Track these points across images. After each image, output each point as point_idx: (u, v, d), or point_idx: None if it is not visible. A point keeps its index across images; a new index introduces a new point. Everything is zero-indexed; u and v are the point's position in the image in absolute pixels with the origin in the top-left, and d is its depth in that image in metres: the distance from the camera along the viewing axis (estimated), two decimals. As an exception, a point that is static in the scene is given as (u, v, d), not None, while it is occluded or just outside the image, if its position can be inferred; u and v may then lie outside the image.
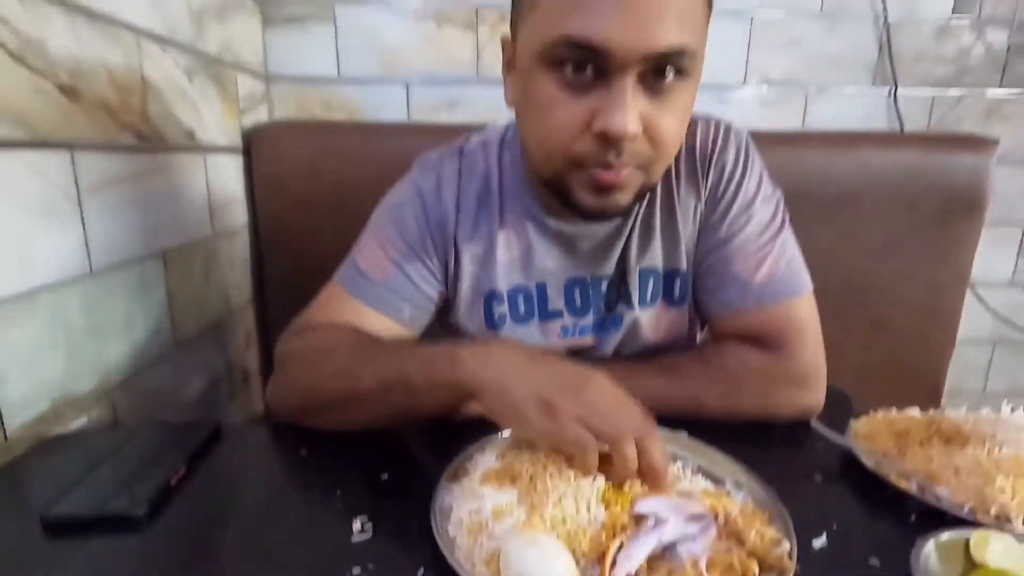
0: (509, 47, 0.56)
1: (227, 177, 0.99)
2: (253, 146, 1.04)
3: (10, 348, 0.53)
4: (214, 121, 0.93)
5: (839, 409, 0.60)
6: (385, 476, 0.49)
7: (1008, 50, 1.26)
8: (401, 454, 0.54)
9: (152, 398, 0.76)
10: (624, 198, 0.53)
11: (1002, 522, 0.41)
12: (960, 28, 1.25)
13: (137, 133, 0.72)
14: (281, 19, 1.16)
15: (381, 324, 0.62)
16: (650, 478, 0.43)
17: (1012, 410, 0.52)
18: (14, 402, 0.54)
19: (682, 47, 0.47)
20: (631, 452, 0.42)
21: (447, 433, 0.51)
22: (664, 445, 0.44)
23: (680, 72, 0.49)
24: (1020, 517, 0.41)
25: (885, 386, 1.17)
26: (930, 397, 1.20)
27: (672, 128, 0.51)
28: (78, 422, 0.62)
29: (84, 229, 0.62)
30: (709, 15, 0.51)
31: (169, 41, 0.79)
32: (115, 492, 0.45)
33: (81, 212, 0.62)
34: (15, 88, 0.53)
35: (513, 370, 0.46)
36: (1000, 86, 1.28)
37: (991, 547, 0.37)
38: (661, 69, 0.48)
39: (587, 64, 0.47)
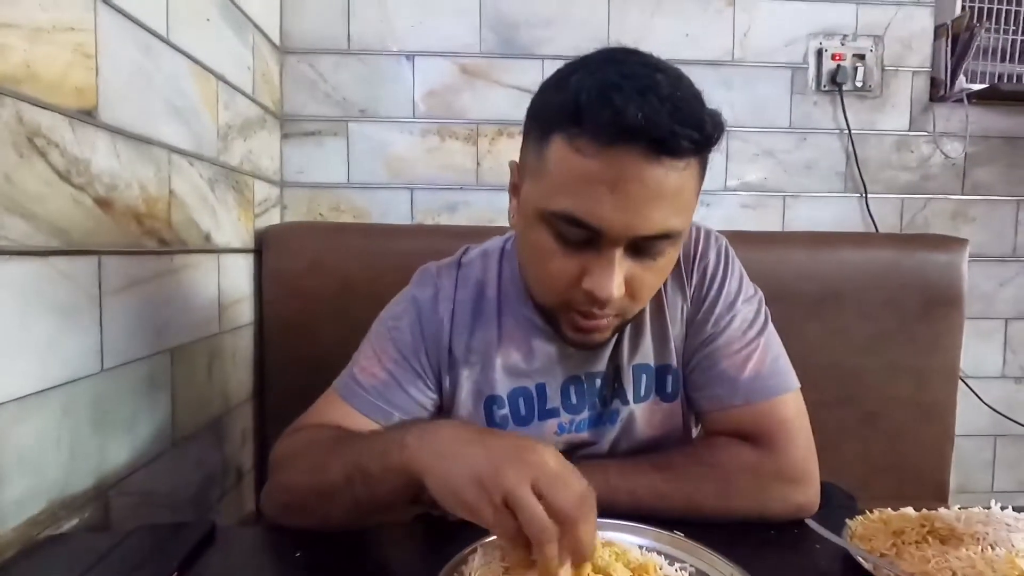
0: (516, 174, 0.61)
1: (238, 275, 1.04)
2: (264, 245, 1.10)
3: (16, 447, 0.54)
4: (230, 224, 1.00)
5: (844, 512, 0.60)
6: (379, 579, 0.49)
7: (965, 159, 1.37)
8: (396, 557, 0.54)
9: (147, 498, 0.75)
10: (601, 337, 0.60)
11: (1002, 627, 0.41)
12: (919, 140, 1.37)
13: (159, 238, 0.78)
14: (298, 133, 1.27)
15: (370, 429, 0.63)
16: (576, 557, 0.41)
17: (1001, 508, 0.53)
18: (10, 503, 0.54)
19: (668, 231, 0.52)
20: (591, 525, 0.41)
21: (443, 534, 0.51)
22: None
23: (667, 244, 0.54)
24: (1018, 621, 0.41)
25: (889, 484, 1.16)
26: (936, 495, 1.17)
27: (651, 284, 0.57)
28: (71, 523, 0.61)
29: (101, 329, 0.65)
30: (701, 185, 0.55)
31: (196, 156, 0.87)
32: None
33: (101, 313, 0.65)
34: (57, 203, 0.59)
35: (452, 450, 0.44)
36: (962, 193, 1.38)
37: (990, 653, 0.36)
38: (649, 244, 0.53)
39: (582, 233, 0.52)
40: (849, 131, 1.34)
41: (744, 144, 1.34)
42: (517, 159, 0.61)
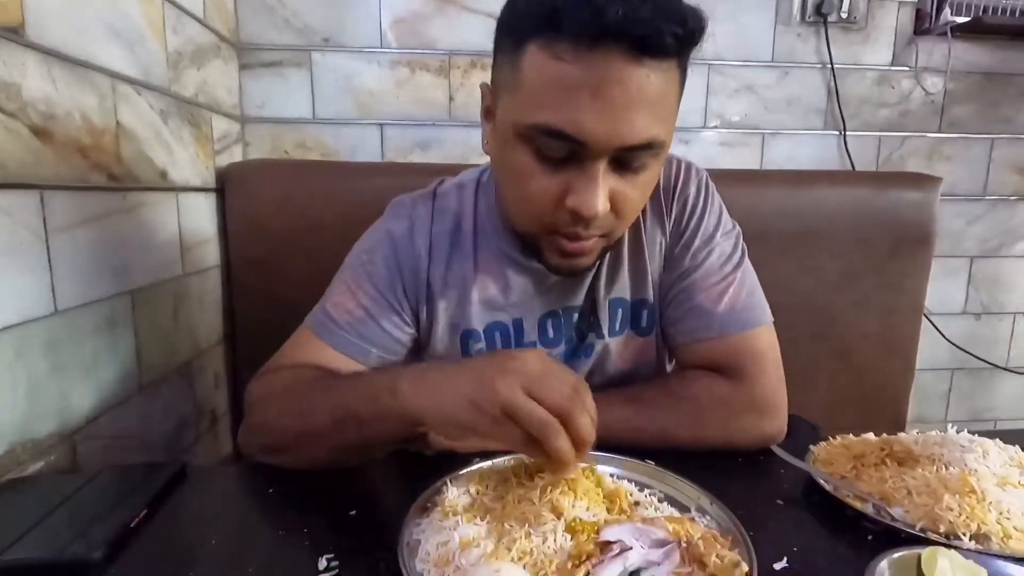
0: (489, 96, 0.57)
1: (200, 216, 0.99)
2: (227, 185, 1.05)
3: (-33, 390, 0.52)
4: (187, 161, 0.95)
5: (809, 441, 0.62)
6: (353, 513, 0.49)
7: (944, 96, 1.35)
8: (370, 490, 0.54)
9: (116, 441, 0.74)
10: (587, 260, 0.58)
11: (952, 539, 0.43)
12: (900, 76, 1.35)
13: (109, 173, 0.73)
14: (257, 64, 1.19)
15: (348, 367, 0.62)
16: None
17: (956, 430, 0.55)
18: (-32, 446, 0.53)
19: (652, 140, 0.50)
20: (586, 412, 0.43)
21: (416, 468, 0.51)
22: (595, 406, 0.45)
23: (650, 156, 0.52)
24: (967, 534, 0.43)
25: (852, 416, 1.20)
26: (894, 426, 1.23)
27: (637, 201, 0.55)
28: (36, 466, 0.60)
29: (51, 268, 0.62)
30: (682, 91, 0.53)
31: (145, 85, 0.81)
32: (71, 536, 0.44)
33: (48, 252, 0.62)
34: (-14, 130, 0.54)
35: (445, 387, 0.46)
36: (939, 130, 1.37)
37: (939, 563, 0.38)
38: (633, 156, 0.51)
39: (563, 148, 0.50)
40: (832, 66, 1.30)
41: (725, 79, 1.30)
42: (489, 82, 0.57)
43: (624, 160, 0.51)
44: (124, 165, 0.76)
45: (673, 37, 0.46)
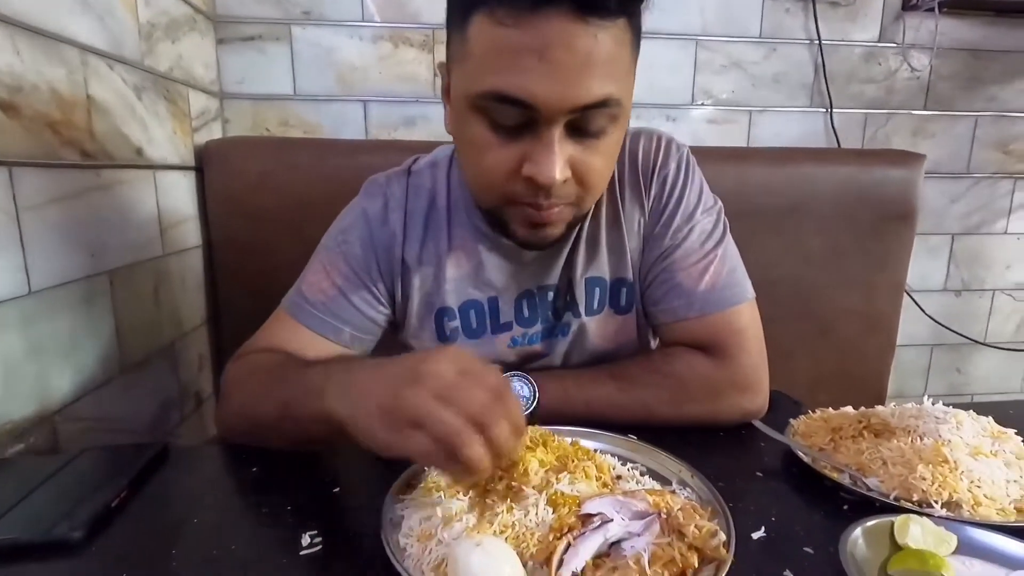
0: (445, 75, 0.57)
1: (179, 195, 0.97)
2: (206, 163, 1.03)
3: (-61, 372, 0.51)
4: (164, 138, 0.92)
5: (792, 415, 0.62)
6: (337, 490, 0.49)
7: (930, 73, 1.35)
8: (354, 468, 0.54)
9: (98, 423, 0.73)
10: (556, 231, 0.56)
11: (924, 507, 0.44)
12: (887, 52, 1.34)
13: (81, 150, 0.71)
14: (235, 38, 1.15)
15: (322, 346, 0.62)
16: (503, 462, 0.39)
17: (932, 402, 0.56)
18: (-57, 428, 0.52)
19: (607, 98, 0.49)
20: (504, 424, 0.37)
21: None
22: (520, 406, 0.40)
23: (607, 118, 0.51)
24: (939, 502, 0.44)
25: (834, 392, 1.22)
26: (875, 401, 1.23)
27: (599, 169, 0.54)
28: (15, 449, 0.59)
29: (23, 248, 0.60)
30: (637, 54, 0.52)
31: (116, 58, 0.78)
32: (52, 516, 0.44)
33: (20, 230, 0.60)
34: (-52, 104, 0.52)
35: (359, 393, 0.42)
36: (924, 108, 1.38)
37: (911, 531, 0.39)
38: (588, 118, 0.50)
39: (516, 115, 0.49)
40: (819, 41, 1.29)
41: (712, 55, 1.29)
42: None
43: (580, 125, 0.50)
44: (97, 141, 0.74)
45: None
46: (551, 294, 0.66)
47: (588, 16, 0.45)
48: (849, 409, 0.59)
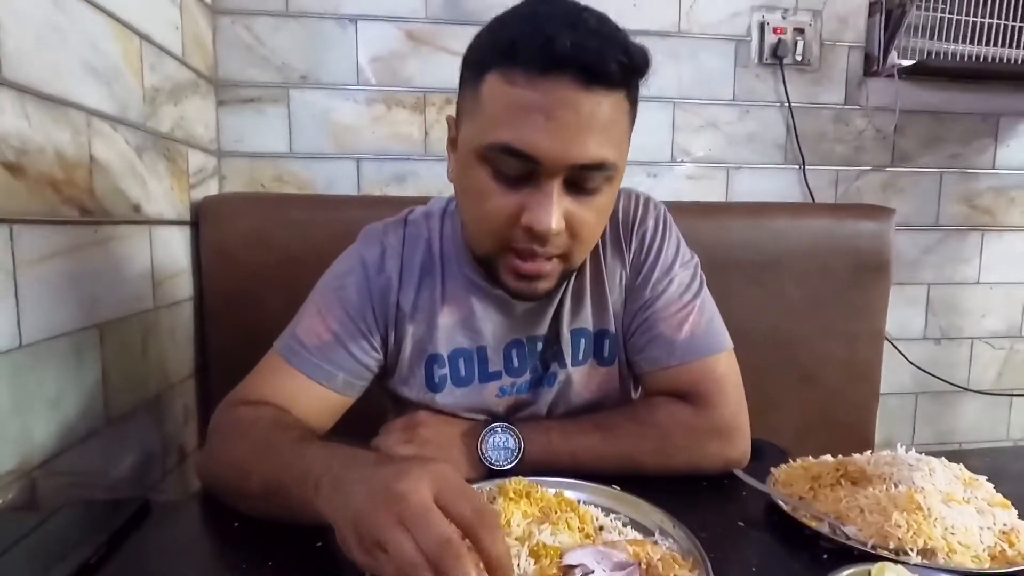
0: (453, 127, 0.61)
1: (174, 249, 1.00)
2: (202, 218, 1.06)
3: (-76, 426, 0.51)
4: (162, 194, 0.95)
5: (777, 464, 0.63)
6: (319, 544, 0.49)
7: (895, 132, 1.43)
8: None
9: (79, 478, 0.72)
10: (545, 285, 0.59)
11: (901, 555, 0.45)
12: (853, 114, 1.42)
13: (81, 207, 0.73)
14: (235, 100, 1.21)
15: (314, 392, 0.63)
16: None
17: (906, 450, 0.57)
18: (-78, 484, 0.51)
19: (603, 161, 0.54)
20: (462, 566, 0.34)
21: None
22: (505, 540, 0.38)
23: (602, 179, 0.55)
24: (914, 549, 0.45)
25: (821, 441, 1.21)
26: (862, 449, 1.25)
27: (591, 224, 0.57)
28: (-8, 505, 0.58)
29: (17, 302, 0.62)
30: (633, 122, 0.58)
31: (120, 120, 0.82)
32: (25, 575, 0.43)
33: (15, 285, 0.61)
34: (-42, 165, 0.55)
35: (344, 501, 0.39)
36: (892, 164, 1.45)
37: (887, 578, 0.40)
38: (585, 177, 0.54)
39: (519, 167, 0.53)
40: (789, 104, 1.38)
41: (689, 116, 1.36)
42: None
43: (578, 181, 0.54)
44: (97, 199, 0.77)
45: (617, 64, 0.51)
46: (540, 344, 0.68)
47: (592, 84, 0.51)
48: (828, 457, 0.60)
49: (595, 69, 0.50)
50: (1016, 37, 1.35)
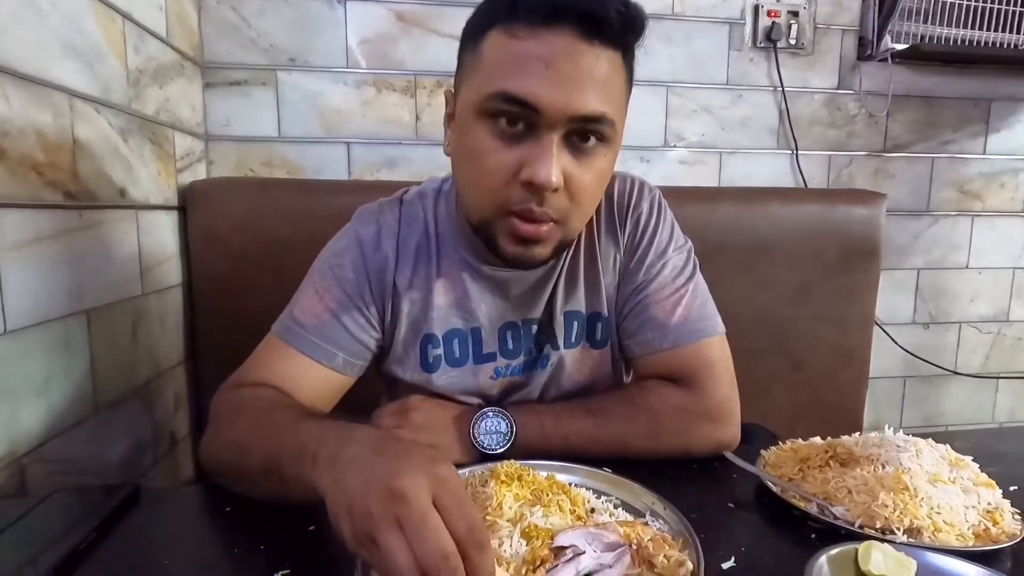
0: (452, 101, 0.61)
1: (162, 235, 0.98)
2: (189, 203, 1.04)
3: (-92, 413, 0.51)
4: (148, 179, 0.94)
5: (768, 447, 0.64)
6: (312, 528, 0.49)
7: (887, 117, 1.43)
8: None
9: (69, 465, 0.71)
10: (543, 251, 0.58)
11: (887, 534, 0.45)
12: (846, 99, 1.42)
13: (65, 191, 0.72)
14: (222, 83, 1.19)
15: (314, 372, 0.62)
16: None
17: (894, 431, 0.58)
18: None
19: (602, 115, 0.54)
20: None
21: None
22: (494, 560, 0.36)
23: (600, 138, 0.55)
24: (900, 529, 0.45)
25: (811, 424, 1.23)
26: (852, 432, 1.27)
27: (589, 186, 0.57)
28: (-20, 492, 0.58)
29: (1, 288, 0.61)
30: (629, 93, 0.59)
31: (103, 103, 0.80)
32: (16, 560, 0.43)
33: (-1, 270, 0.60)
34: (-65, 147, 0.53)
35: (342, 478, 0.38)
36: (883, 150, 1.45)
37: (873, 557, 0.40)
38: (584, 133, 0.54)
39: (519, 119, 0.53)
40: (782, 88, 1.37)
41: (683, 100, 1.36)
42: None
43: (576, 137, 0.54)
44: (81, 182, 0.75)
45: (617, 14, 0.52)
46: (534, 327, 0.68)
47: (592, 38, 0.52)
48: (817, 439, 0.61)
49: (596, 16, 0.51)
50: (1009, 21, 1.35)
